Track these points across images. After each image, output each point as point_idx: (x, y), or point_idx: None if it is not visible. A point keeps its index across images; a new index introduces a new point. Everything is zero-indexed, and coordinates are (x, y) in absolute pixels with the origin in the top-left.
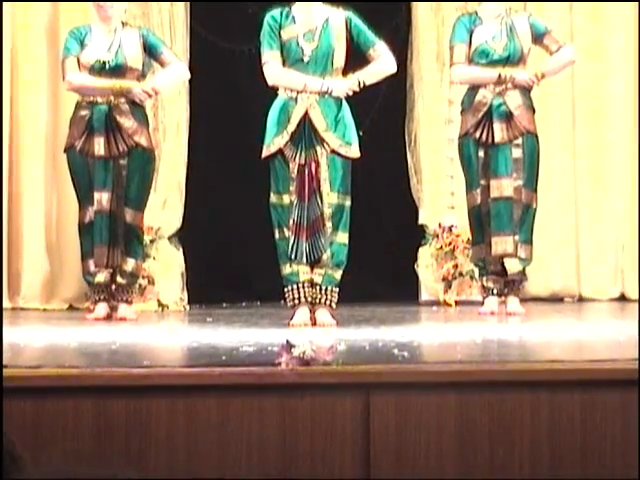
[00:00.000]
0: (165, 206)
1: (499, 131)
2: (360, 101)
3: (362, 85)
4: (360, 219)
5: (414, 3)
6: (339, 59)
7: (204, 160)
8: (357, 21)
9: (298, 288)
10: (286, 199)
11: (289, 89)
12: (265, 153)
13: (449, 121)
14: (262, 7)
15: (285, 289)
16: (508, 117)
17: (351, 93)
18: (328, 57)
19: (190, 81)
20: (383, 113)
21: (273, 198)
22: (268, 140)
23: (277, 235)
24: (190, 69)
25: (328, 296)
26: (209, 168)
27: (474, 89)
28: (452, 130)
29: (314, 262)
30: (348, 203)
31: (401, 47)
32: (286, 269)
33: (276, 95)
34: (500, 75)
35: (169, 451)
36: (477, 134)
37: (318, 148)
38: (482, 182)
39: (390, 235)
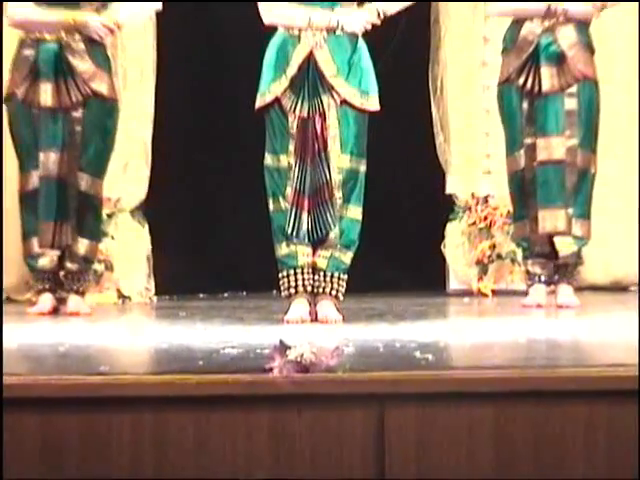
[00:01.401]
0: (127, 171)
1: (548, 77)
2: (372, 40)
3: (382, 17)
4: (372, 188)
5: None
6: None
7: (175, 114)
8: None
9: (296, 274)
10: (284, 161)
11: (290, 27)
12: (259, 103)
13: (484, 64)
14: None
15: (279, 275)
16: (560, 59)
17: (369, 27)
18: None
19: (158, 14)
20: (400, 54)
21: (268, 159)
22: (263, 87)
23: (272, 206)
24: None
25: (334, 285)
26: (182, 124)
27: (518, 23)
28: (488, 75)
29: (318, 242)
30: (363, 168)
31: None
32: (282, 249)
33: (272, 33)
34: (550, 6)
35: (134, 478)
36: (521, 80)
37: (325, 98)
38: (527, 141)
39: (410, 208)
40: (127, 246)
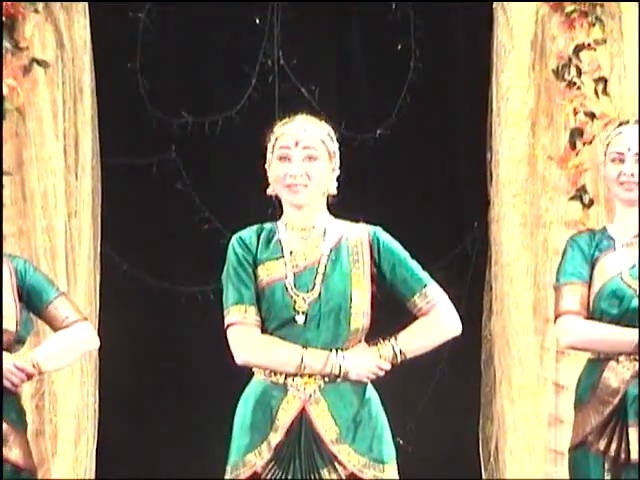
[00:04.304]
0: None
1: (638, 441)
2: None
3: (401, 359)
4: None
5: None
6: (360, 314)
7: None
8: (391, 242)
9: None
10: None
11: (273, 370)
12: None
13: (558, 421)
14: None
15: None
16: None
17: (382, 373)
18: (340, 312)
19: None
20: (439, 410)
21: None
22: (236, 456)
23: None
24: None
25: None
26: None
27: (597, 362)
28: (558, 432)
29: None
30: None
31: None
32: None
33: (249, 377)
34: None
35: None
36: (602, 444)
37: (325, 471)
38: None
39: None
40: None
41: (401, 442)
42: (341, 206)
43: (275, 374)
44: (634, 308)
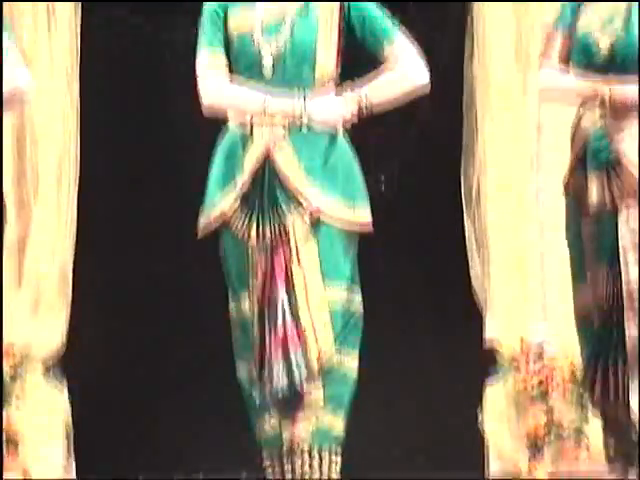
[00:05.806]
0: (38, 308)
1: (596, 188)
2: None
3: (367, 107)
4: (379, 332)
5: None
6: (326, 62)
7: (104, 225)
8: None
9: (281, 457)
10: (246, 303)
11: (238, 114)
12: (203, 227)
13: (538, 168)
14: None
15: (264, 464)
16: (610, 166)
17: (349, 118)
18: (305, 60)
19: (82, 91)
20: (422, 151)
21: (232, 305)
22: (207, 205)
23: (241, 372)
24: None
25: (323, 469)
26: (112, 237)
27: (582, 108)
28: (542, 178)
29: (294, 407)
30: (358, 299)
31: (455, 42)
32: (264, 426)
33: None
34: (596, 91)
35: None
36: (572, 187)
37: (289, 216)
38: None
39: (433, 361)
40: (37, 413)
41: (383, 188)
42: None
43: (244, 125)
44: (596, 61)
